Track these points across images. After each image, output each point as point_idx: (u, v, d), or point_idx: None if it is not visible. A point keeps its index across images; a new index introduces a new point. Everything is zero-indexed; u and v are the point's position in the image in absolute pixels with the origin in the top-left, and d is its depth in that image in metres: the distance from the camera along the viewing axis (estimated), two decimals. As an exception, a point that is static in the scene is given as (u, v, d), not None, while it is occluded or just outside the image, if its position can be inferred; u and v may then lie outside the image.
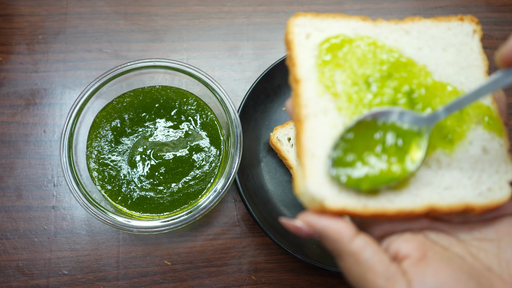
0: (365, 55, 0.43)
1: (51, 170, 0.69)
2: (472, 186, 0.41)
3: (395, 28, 0.45)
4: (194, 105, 0.65)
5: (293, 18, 0.43)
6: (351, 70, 0.42)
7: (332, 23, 0.44)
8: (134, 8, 0.77)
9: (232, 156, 0.58)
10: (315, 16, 0.44)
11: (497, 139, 0.43)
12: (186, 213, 0.57)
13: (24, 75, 0.73)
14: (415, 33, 0.45)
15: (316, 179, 0.38)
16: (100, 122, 0.63)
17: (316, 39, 0.43)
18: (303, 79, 0.41)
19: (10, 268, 0.64)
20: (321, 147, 0.39)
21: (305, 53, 0.42)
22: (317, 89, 0.41)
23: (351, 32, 0.44)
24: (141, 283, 0.64)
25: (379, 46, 0.43)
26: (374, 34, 0.44)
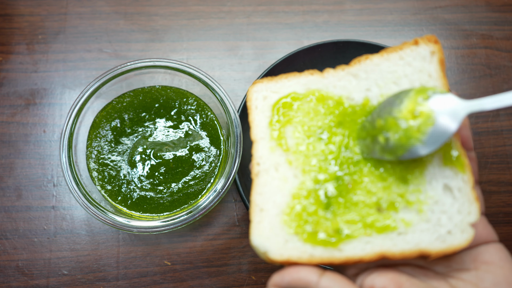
0: (314, 108, 0.44)
1: (51, 170, 0.69)
2: (429, 230, 0.39)
3: (343, 75, 0.46)
4: (194, 105, 0.65)
5: (251, 86, 0.46)
6: (301, 125, 0.44)
7: (285, 83, 0.46)
8: (134, 8, 0.77)
9: (232, 156, 0.58)
10: (270, 80, 0.46)
11: (460, 175, 0.40)
12: (186, 213, 0.57)
13: (24, 75, 0.73)
14: (362, 75, 0.45)
15: (261, 233, 0.40)
16: (100, 122, 0.63)
17: (270, 101, 0.45)
18: (258, 140, 0.44)
19: (10, 268, 0.64)
20: (269, 201, 0.41)
21: (260, 116, 0.45)
22: (269, 147, 0.43)
23: (302, 88, 0.46)
24: (141, 283, 0.64)
25: (327, 97, 0.44)
26: (323, 85, 0.45)
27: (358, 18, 0.78)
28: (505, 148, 0.72)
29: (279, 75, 0.46)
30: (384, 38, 0.77)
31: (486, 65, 0.75)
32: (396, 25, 0.78)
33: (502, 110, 0.73)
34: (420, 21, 0.78)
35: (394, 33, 0.77)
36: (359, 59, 0.46)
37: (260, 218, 0.40)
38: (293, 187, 0.42)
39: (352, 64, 0.46)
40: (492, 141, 0.72)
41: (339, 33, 0.77)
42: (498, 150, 0.72)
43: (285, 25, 0.77)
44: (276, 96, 0.45)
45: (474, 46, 0.77)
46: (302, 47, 0.69)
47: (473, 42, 0.77)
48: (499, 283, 0.37)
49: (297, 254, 0.39)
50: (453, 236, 0.38)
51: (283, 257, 0.39)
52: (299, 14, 0.78)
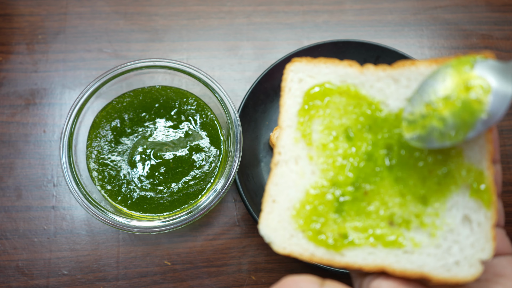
0: (346, 106, 0.42)
1: (51, 170, 0.69)
2: (437, 256, 0.37)
3: (383, 76, 0.42)
4: (194, 105, 0.65)
5: (289, 64, 0.44)
6: (329, 120, 0.42)
7: (322, 69, 0.44)
8: (134, 8, 0.77)
9: (232, 156, 0.58)
10: (309, 62, 0.44)
11: (484, 210, 0.38)
12: (186, 213, 0.57)
13: (24, 75, 0.73)
14: (404, 81, 0.42)
15: (269, 223, 0.40)
16: (100, 122, 0.63)
17: (305, 86, 0.43)
18: (284, 127, 0.42)
19: (10, 268, 0.64)
20: (283, 194, 0.41)
21: (292, 100, 0.43)
22: (294, 137, 0.42)
23: (338, 79, 0.43)
24: (141, 283, 0.64)
25: (361, 97, 0.42)
26: (359, 82, 0.43)
27: (358, 18, 0.78)
28: (505, 148, 0.72)
29: (318, 58, 0.44)
30: (384, 38, 0.77)
31: (486, 65, 0.75)
32: (396, 25, 0.78)
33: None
34: (420, 21, 0.78)
35: (394, 33, 0.77)
36: (403, 63, 0.42)
37: (271, 209, 0.40)
38: (309, 183, 0.41)
39: (395, 67, 0.43)
40: (492, 141, 0.72)
41: (339, 33, 0.77)
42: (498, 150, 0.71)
43: (285, 25, 0.77)
44: (312, 82, 0.43)
45: (474, 46, 0.77)
46: (302, 47, 0.69)
47: (473, 42, 0.77)
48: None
49: (299, 251, 0.39)
50: (460, 267, 0.37)
51: (286, 251, 0.39)
52: (299, 14, 0.78)
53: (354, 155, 0.40)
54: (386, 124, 0.41)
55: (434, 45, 0.77)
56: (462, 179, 0.38)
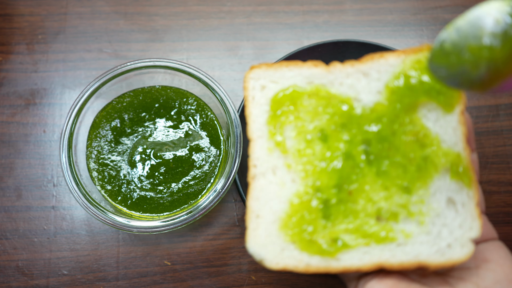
0: (316, 107, 0.40)
1: (51, 170, 0.69)
2: (429, 243, 0.38)
3: (351, 72, 0.42)
4: (194, 105, 0.65)
5: (248, 72, 0.42)
6: (302, 124, 0.40)
7: (285, 73, 0.42)
8: (134, 8, 0.77)
9: (232, 156, 0.58)
10: (269, 67, 0.42)
11: (466, 190, 0.39)
12: (186, 213, 0.57)
13: (24, 75, 0.73)
14: (374, 74, 0.41)
15: (257, 240, 0.38)
16: (100, 122, 0.63)
17: (269, 93, 0.42)
18: (255, 138, 0.41)
19: (10, 268, 0.64)
20: (266, 207, 0.39)
21: (257, 109, 0.41)
22: (267, 147, 0.40)
23: (304, 81, 0.42)
24: (141, 283, 0.64)
25: (332, 96, 0.41)
26: (328, 81, 0.42)
27: (358, 18, 0.78)
28: (505, 148, 0.72)
29: (278, 62, 0.42)
30: (384, 38, 0.77)
31: (486, 65, 0.75)
32: (396, 25, 0.78)
33: (502, 110, 0.73)
34: (420, 21, 0.78)
35: (394, 33, 0.77)
36: (372, 56, 0.42)
37: (256, 224, 0.39)
38: (291, 193, 0.39)
39: (363, 61, 0.42)
40: (492, 141, 0.72)
41: (339, 33, 0.77)
42: (498, 150, 0.72)
43: (285, 25, 0.77)
44: (276, 88, 0.42)
45: (474, 46, 0.77)
46: (302, 47, 0.69)
47: (473, 42, 0.77)
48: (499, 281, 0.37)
49: (294, 263, 0.38)
50: (453, 250, 0.37)
51: (279, 266, 0.38)
52: (299, 14, 0.78)
53: (332, 157, 0.39)
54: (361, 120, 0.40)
55: (434, 45, 0.77)
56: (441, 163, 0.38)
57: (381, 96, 0.40)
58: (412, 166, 0.38)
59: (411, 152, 0.38)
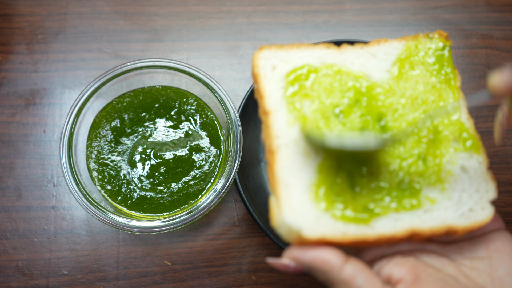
0: (332, 84, 0.42)
1: (51, 170, 0.69)
2: (453, 208, 0.40)
3: (361, 53, 0.44)
4: (194, 105, 0.65)
5: (258, 52, 0.43)
6: (319, 100, 0.41)
7: (297, 54, 0.43)
8: (134, 8, 0.77)
9: (232, 156, 0.58)
10: (279, 48, 0.43)
11: (475, 156, 0.41)
12: (186, 213, 0.57)
13: (23, 75, 0.73)
14: (382, 56, 0.44)
15: (292, 209, 0.37)
16: (100, 122, 0.63)
17: (282, 71, 0.42)
18: (272, 111, 0.41)
19: (9, 268, 0.64)
20: (295, 177, 0.39)
21: (272, 85, 0.42)
22: (287, 120, 0.41)
23: (317, 61, 0.43)
24: (141, 283, 0.64)
25: (345, 73, 0.42)
26: (340, 61, 0.43)
27: (358, 18, 0.78)
28: (505, 148, 0.72)
29: (289, 44, 0.44)
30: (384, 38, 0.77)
31: (486, 65, 0.75)
32: (396, 25, 0.78)
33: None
34: (420, 21, 0.78)
35: (394, 33, 0.77)
36: (378, 41, 0.45)
37: (288, 194, 0.38)
38: (317, 163, 0.39)
39: (371, 44, 0.45)
40: (492, 141, 0.72)
41: (339, 33, 0.77)
42: (498, 150, 0.72)
43: (285, 25, 0.77)
44: (288, 67, 0.42)
45: (474, 46, 0.77)
46: (302, 47, 0.69)
47: (473, 42, 0.77)
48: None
49: (331, 232, 0.37)
50: (475, 213, 0.39)
51: (317, 235, 0.37)
52: (299, 14, 0.78)
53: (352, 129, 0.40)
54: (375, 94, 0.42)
55: (434, 45, 0.77)
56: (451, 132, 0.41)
57: (389, 74, 0.43)
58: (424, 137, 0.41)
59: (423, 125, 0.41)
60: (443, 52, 0.44)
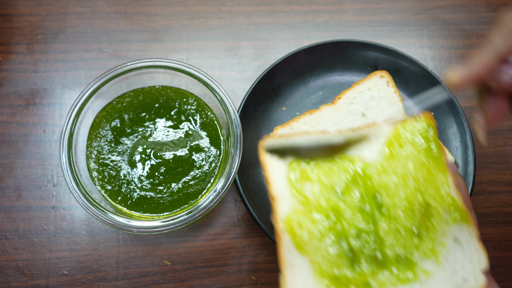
0: (330, 167, 0.46)
1: (51, 170, 0.69)
2: (447, 279, 0.42)
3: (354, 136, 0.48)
4: (194, 105, 0.65)
5: (263, 141, 0.47)
6: (319, 182, 0.45)
7: (296, 140, 0.47)
8: (134, 8, 0.77)
9: (232, 156, 0.58)
10: (281, 137, 0.48)
11: (466, 227, 0.44)
12: (186, 213, 0.57)
13: (23, 75, 0.73)
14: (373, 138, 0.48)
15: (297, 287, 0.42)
16: (100, 122, 0.63)
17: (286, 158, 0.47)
18: (278, 196, 0.45)
19: (9, 268, 0.64)
20: (298, 258, 0.42)
21: (277, 172, 0.46)
22: (291, 203, 0.44)
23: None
24: (141, 283, 0.64)
25: (341, 156, 0.47)
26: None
27: (358, 18, 0.78)
28: (505, 148, 0.72)
29: (290, 134, 0.48)
30: (384, 38, 0.77)
31: (486, 65, 0.75)
32: (396, 25, 0.78)
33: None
34: (420, 21, 0.78)
35: (394, 33, 0.77)
36: (369, 125, 0.49)
37: (293, 273, 0.42)
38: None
39: (362, 128, 0.49)
40: (492, 141, 0.72)
41: (339, 33, 0.77)
42: (498, 150, 0.72)
43: (285, 25, 0.77)
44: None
45: (474, 46, 0.77)
46: (302, 47, 0.69)
47: (473, 42, 0.77)
48: None
49: None
50: (469, 283, 0.42)
51: None
52: (299, 14, 0.78)
53: (350, 208, 0.44)
54: (369, 175, 0.46)
55: (434, 45, 0.77)
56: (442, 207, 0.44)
57: (381, 154, 0.47)
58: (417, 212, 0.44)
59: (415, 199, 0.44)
60: (428, 131, 0.47)
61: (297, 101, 0.71)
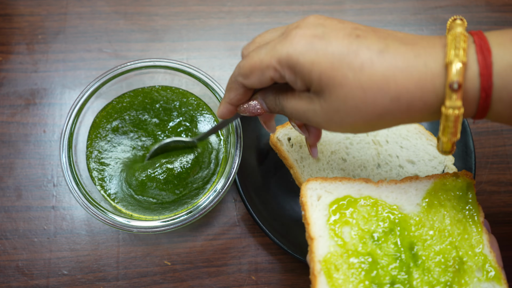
0: (369, 213, 0.47)
1: (51, 170, 0.69)
2: None
3: (395, 188, 0.50)
4: (194, 105, 0.65)
5: (306, 183, 0.49)
6: (357, 227, 0.46)
7: (339, 185, 0.49)
8: (134, 8, 0.77)
9: (232, 156, 0.58)
10: (324, 180, 0.49)
11: (497, 286, 0.45)
12: (186, 213, 0.57)
13: (24, 75, 0.73)
14: (413, 191, 0.50)
15: None
16: (100, 122, 0.63)
17: (326, 200, 0.48)
18: (316, 237, 0.46)
19: (9, 268, 0.64)
20: None
21: (317, 213, 0.47)
22: (329, 245, 0.45)
23: (356, 193, 0.49)
24: (141, 283, 0.64)
25: (381, 204, 0.48)
26: (376, 194, 0.49)
27: (358, 18, 0.78)
28: (505, 148, 0.72)
29: (333, 178, 0.50)
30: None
31: (486, 65, 0.75)
32: (396, 25, 0.78)
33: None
34: (420, 21, 0.78)
35: (394, 33, 0.77)
36: (410, 178, 0.51)
37: None
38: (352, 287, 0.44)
39: (403, 181, 0.50)
40: (492, 141, 0.72)
41: (339, 33, 0.77)
42: (498, 150, 0.72)
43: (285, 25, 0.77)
44: (331, 197, 0.48)
45: (474, 46, 0.77)
46: (302, 47, 0.69)
47: (473, 42, 0.77)
48: None
49: None
50: None
51: None
52: (299, 14, 0.78)
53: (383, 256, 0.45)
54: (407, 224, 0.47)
55: (434, 45, 0.77)
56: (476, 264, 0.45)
57: (420, 207, 0.48)
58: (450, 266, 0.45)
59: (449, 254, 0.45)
60: (467, 190, 0.49)
61: (297, 101, 0.71)
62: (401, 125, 0.53)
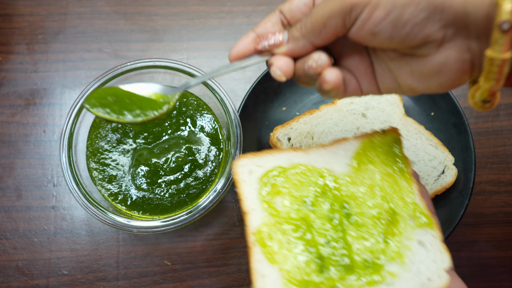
0: (300, 180, 0.48)
1: (51, 170, 0.69)
2: (413, 279, 0.44)
3: (324, 152, 0.51)
4: (194, 105, 0.65)
5: (237, 161, 0.49)
6: (289, 195, 0.47)
7: (269, 158, 0.50)
8: (134, 8, 0.77)
9: (232, 156, 0.58)
10: (254, 156, 0.50)
11: (430, 231, 0.46)
12: (186, 213, 0.57)
13: (23, 75, 0.73)
14: (341, 152, 0.50)
15: None
16: (100, 122, 0.63)
17: (257, 174, 0.49)
18: (249, 211, 0.46)
19: (10, 268, 0.64)
20: (268, 267, 0.44)
21: (248, 188, 0.48)
22: (262, 217, 0.46)
23: (286, 162, 0.49)
24: (141, 283, 0.64)
25: (311, 170, 0.49)
26: (306, 160, 0.50)
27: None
28: (505, 148, 0.72)
29: (262, 151, 0.50)
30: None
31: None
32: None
33: (502, 110, 0.73)
34: None
35: (394, 33, 0.77)
36: (338, 141, 0.51)
37: (263, 283, 0.43)
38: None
39: (332, 144, 0.51)
40: (492, 141, 0.72)
41: (339, 33, 0.77)
42: (498, 150, 0.72)
43: (285, 25, 0.77)
44: (262, 170, 0.49)
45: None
46: (302, 47, 0.69)
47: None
48: None
49: None
50: (433, 282, 0.44)
51: None
52: (299, 14, 0.78)
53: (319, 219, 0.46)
54: (338, 185, 0.48)
55: (434, 45, 0.77)
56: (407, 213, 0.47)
57: (350, 167, 0.49)
58: (384, 219, 0.46)
59: (382, 208, 0.47)
60: (394, 144, 0.50)
61: (297, 101, 0.71)
62: None
